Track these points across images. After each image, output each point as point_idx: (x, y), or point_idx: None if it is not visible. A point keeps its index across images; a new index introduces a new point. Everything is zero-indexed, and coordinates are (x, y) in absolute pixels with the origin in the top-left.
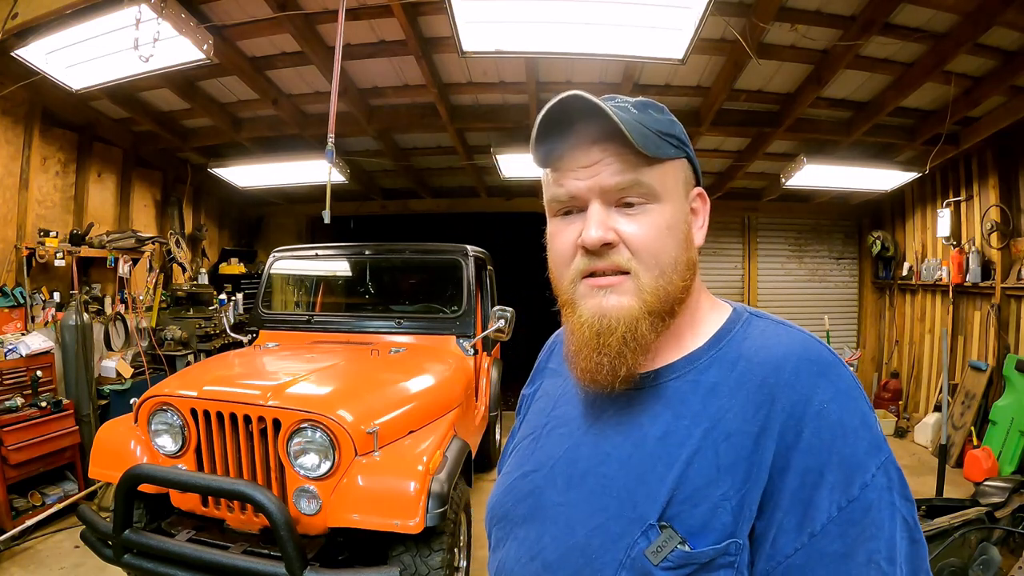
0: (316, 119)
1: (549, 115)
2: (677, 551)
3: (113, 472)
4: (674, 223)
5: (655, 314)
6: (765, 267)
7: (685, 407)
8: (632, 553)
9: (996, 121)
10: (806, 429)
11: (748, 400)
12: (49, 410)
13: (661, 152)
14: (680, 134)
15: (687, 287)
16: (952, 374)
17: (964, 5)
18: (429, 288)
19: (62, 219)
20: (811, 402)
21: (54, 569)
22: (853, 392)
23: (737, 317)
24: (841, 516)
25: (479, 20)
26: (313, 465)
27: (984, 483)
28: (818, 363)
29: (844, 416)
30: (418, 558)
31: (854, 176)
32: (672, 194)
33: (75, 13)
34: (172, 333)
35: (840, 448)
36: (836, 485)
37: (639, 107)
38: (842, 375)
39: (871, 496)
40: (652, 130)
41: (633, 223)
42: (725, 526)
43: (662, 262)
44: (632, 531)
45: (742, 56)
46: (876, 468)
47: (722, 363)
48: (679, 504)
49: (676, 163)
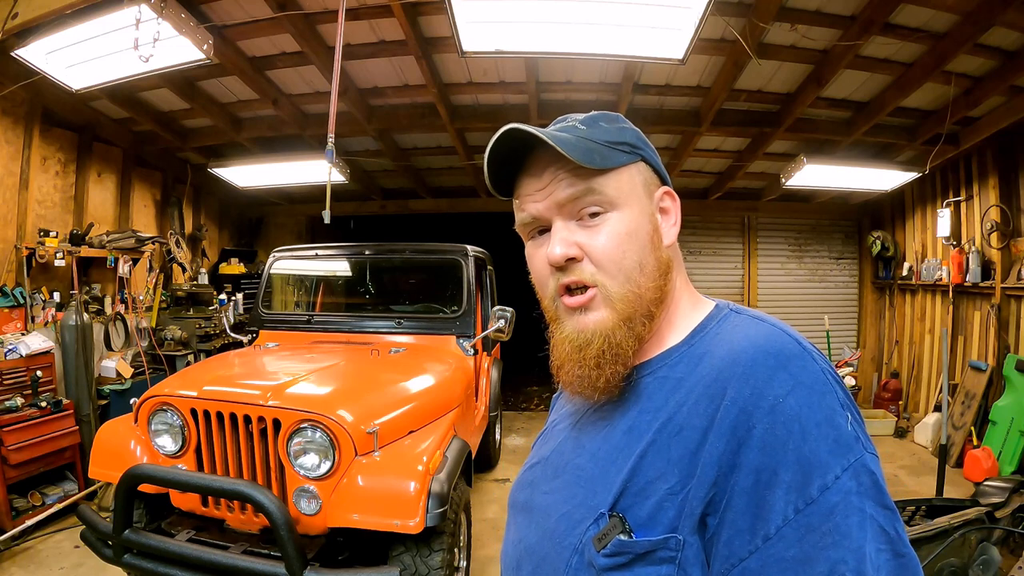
0: (316, 119)
1: (494, 153)
2: (617, 540)
3: (113, 472)
4: (635, 228)
5: (631, 320)
6: (765, 267)
7: (651, 402)
8: (584, 538)
9: (996, 121)
10: (758, 425)
11: (703, 394)
12: (49, 410)
13: (608, 162)
14: (633, 140)
15: (659, 287)
16: (952, 374)
17: (964, 5)
18: (429, 288)
19: (62, 219)
20: (763, 396)
21: (54, 569)
22: (818, 387)
23: (716, 313)
24: (798, 519)
25: (479, 20)
26: (313, 465)
27: (984, 483)
28: (778, 355)
29: (803, 411)
30: (418, 558)
31: (854, 176)
32: (630, 198)
33: (75, 13)
34: (172, 333)
35: (797, 446)
36: (792, 486)
37: (588, 122)
38: (807, 367)
39: (833, 499)
40: (600, 142)
41: (594, 234)
42: (670, 520)
43: (625, 268)
44: (588, 518)
45: (742, 56)
46: (841, 470)
47: (690, 359)
48: (631, 496)
49: (630, 168)
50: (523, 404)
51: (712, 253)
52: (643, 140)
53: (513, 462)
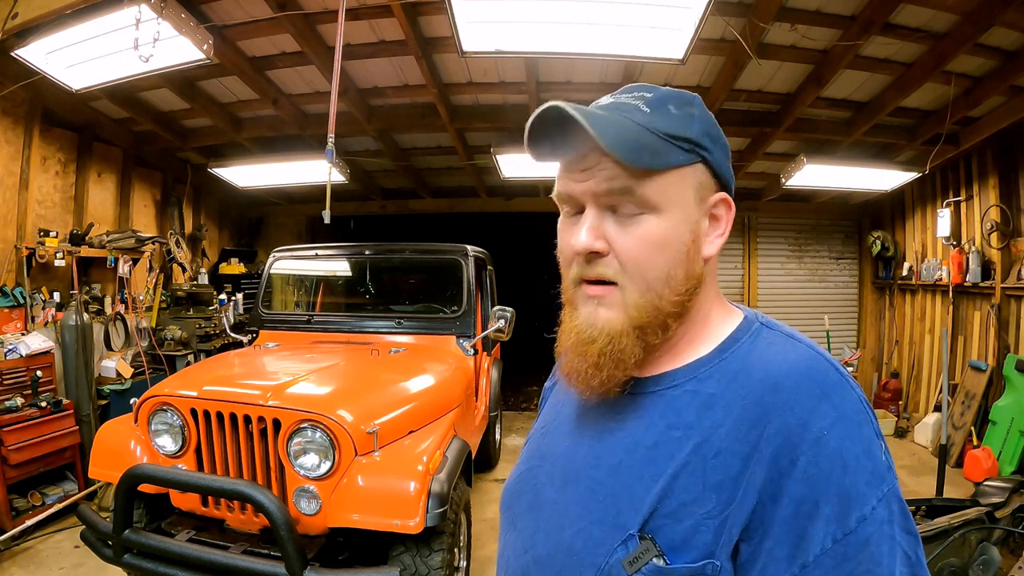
0: (316, 119)
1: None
2: (651, 564)
3: (113, 472)
4: (670, 237)
5: (643, 329)
6: (765, 267)
7: (679, 418)
8: (610, 560)
9: (996, 121)
10: (802, 457)
11: (742, 418)
12: (49, 410)
13: (658, 161)
14: (698, 135)
15: (682, 302)
16: (952, 374)
17: (964, 5)
18: (429, 288)
19: (62, 219)
20: (808, 427)
21: (54, 569)
22: (858, 417)
23: (747, 327)
24: (836, 548)
25: (479, 20)
26: (313, 465)
27: (984, 483)
28: (822, 384)
29: (845, 444)
30: (418, 558)
31: (854, 176)
32: (674, 204)
33: (75, 13)
34: (172, 333)
35: (839, 479)
36: (832, 517)
37: (655, 104)
38: (847, 397)
39: (869, 529)
40: (659, 134)
41: (624, 234)
42: (706, 545)
43: (649, 277)
44: (613, 538)
45: (742, 56)
46: (876, 501)
47: (723, 374)
48: (662, 517)
49: (684, 170)
50: (523, 404)
51: None
52: (711, 136)
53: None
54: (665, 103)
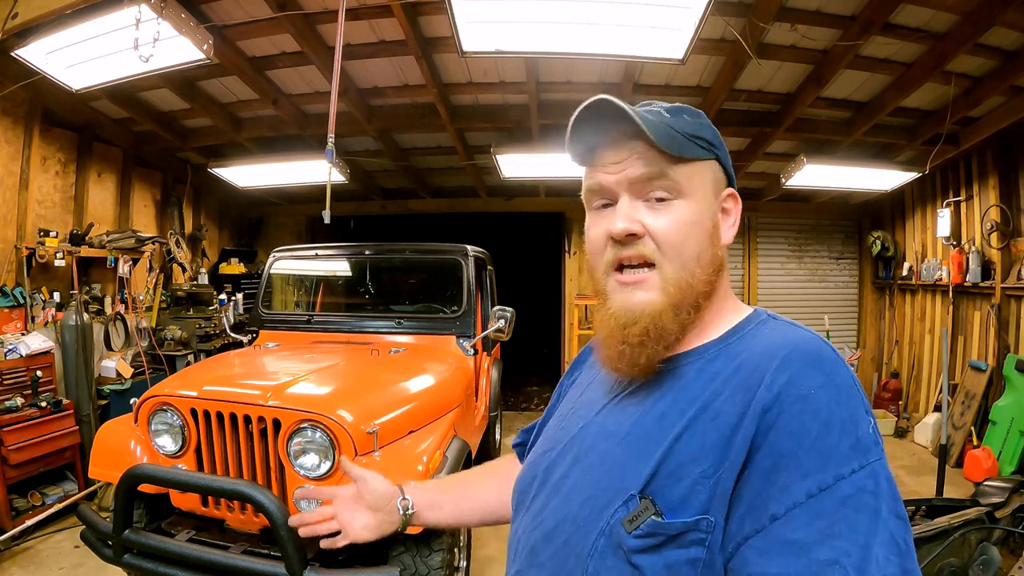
0: (316, 119)
1: (581, 117)
2: (650, 521)
3: (113, 472)
4: (698, 219)
5: (678, 307)
6: (765, 267)
7: (685, 393)
8: (612, 521)
9: (996, 121)
10: (787, 410)
11: (740, 384)
12: (49, 410)
13: (686, 152)
14: (711, 137)
15: (710, 282)
16: (952, 374)
17: (964, 5)
18: (429, 288)
19: (62, 219)
20: (796, 385)
21: (54, 569)
22: (848, 388)
23: (755, 317)
24: (809, 503)
25: (479, 20)
26: (313, 465)
27: (984, 483)
28: (815, 354)
29: (832, 406)
30: (418, 558)
31: (854, 176)
32: (698, 192)
33: (75, 13)
34: (172, 333)
35: (821, 436)
36: (809, 471)
37: (672, 112)
38: (839, 372)
39: (846, 490)
40: (680, 132)
41: (659, 216)
42: (702, 503)
43: (684, 255)
44: (615, 501)
45: (742, 56)
46: (859, 466)
47: (729, 355)
48: (663, 478)
49: (704, 164)
50: (523, 404)
51: None
52: (720, 140)
53: None
54: (681, 112)
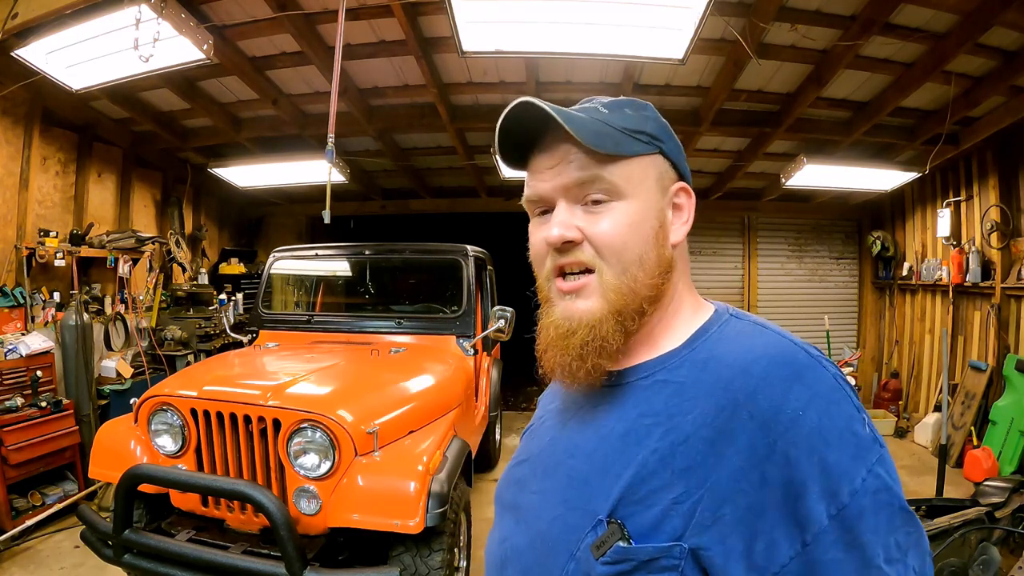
0: (316, 119)
1: (506, 125)
2: (616, 547)
3: (113, 472)
4: (640, 220)
5: (621, 313)
6: (765, 267)
7: (649, 406)
8: (581, 545)
9: (996, 121)
10: (780, 440)
11: (710, 404)
12: (49, 410)
13: (623, 149)
14: (654, 130)
15: (656, 285)
16: (952, 374)
17: (964, 5)
18: (429, 288)
19: (62, 219)
20: (782, 410)
21: (54, 569)
22: (833, 395)
23: (717, 318)
24: (833, 524)
25: (479, 20)
26: (313, 465)
27: (984, 483)
28: (791, 365)
29: (824, 422)
30: (418, 558)
31: (854, 176)
32: (638, 190)
33: (75, 13)
34: (172, 333)
35: (822, 456)
36: (823, 494)
37: (612, 107)
38: (820, 377)
39: (863, 501)
40: (618, 128)
41: (596, 220)
42: (675, 529)
43: (625, 259)
44: (584, 524)
45: (742, 56)
46: (866, 472)
47: (693, 364)
48: (632, 504)
49: (645, 159)
50: (523, 404)
51: (712, 253)
52: (667, 132)
53: None
54: (622, 107)
